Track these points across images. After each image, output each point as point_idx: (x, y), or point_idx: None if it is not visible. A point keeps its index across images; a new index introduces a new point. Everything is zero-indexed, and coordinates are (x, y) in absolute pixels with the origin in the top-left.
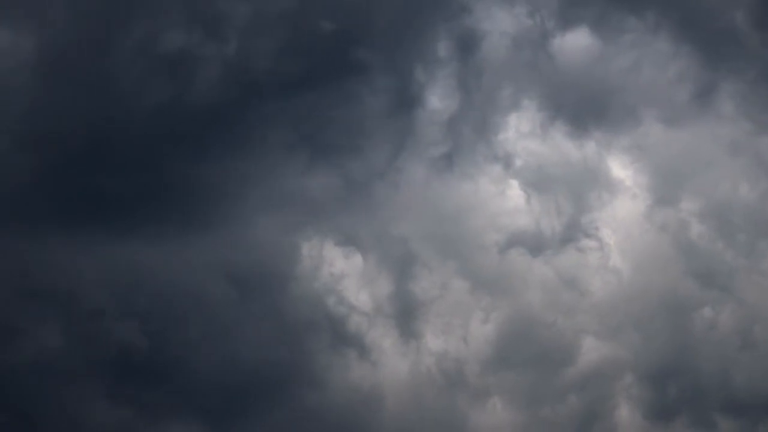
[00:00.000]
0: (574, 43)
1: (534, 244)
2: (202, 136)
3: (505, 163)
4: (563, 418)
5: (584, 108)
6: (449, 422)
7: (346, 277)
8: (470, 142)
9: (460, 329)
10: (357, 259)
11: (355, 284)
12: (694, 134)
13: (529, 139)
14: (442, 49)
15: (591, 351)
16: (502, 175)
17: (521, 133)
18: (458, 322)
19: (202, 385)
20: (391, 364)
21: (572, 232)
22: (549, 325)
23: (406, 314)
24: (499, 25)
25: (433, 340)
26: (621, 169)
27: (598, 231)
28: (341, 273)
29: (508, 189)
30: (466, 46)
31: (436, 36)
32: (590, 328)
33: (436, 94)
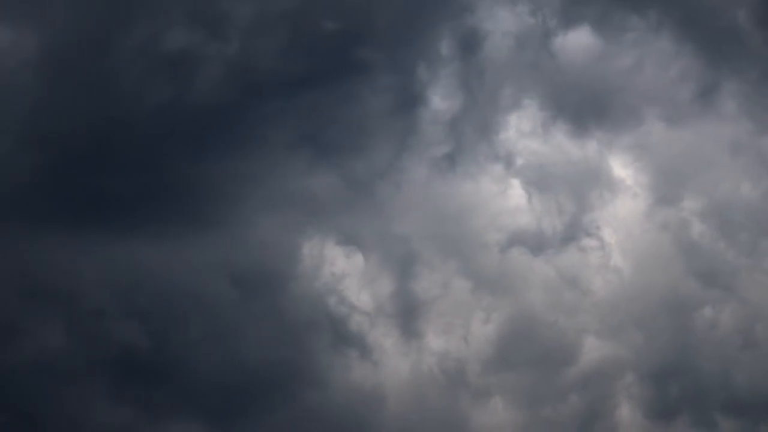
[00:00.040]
0: (576, 42)
1: (535, 244)
2: (204, 135)
3: (507, 163)
4: (564, 418)
5: (586, 107)
6: (450, 422)
7: (347, 277)
8: (472, 141)
9: (461, 329)
10: (358, 259)
11: (357, 284)
12: (696, 133)
13: (531, 139)
14: (445, 48)
15: (592, 350)
16: (504, 175)
17: (522, 132)
18: (459, 322)
19: (203, 385)
20: (393, 363)
21: (573, 232)
22: (550, 324)
23: (408, 314)
24: (502, 24)
25: (435, 340)
26: (622, 169)
27: (600, 230)
28: (342, 272)
29: (510, 188)
30: (469, 46)
31: (438, 35)
32: (591, 327)
33: (438, 94)
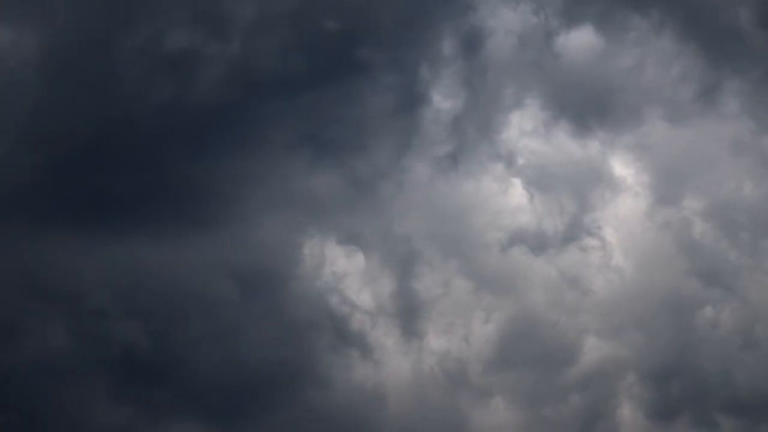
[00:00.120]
0: (579, 41)
1: (536, 243)
2: (205, 135)
3: (508, 162)
4: (565, 418)
5: (587, 106)
6: (451, 421)
7: (348, 276)
8: (474, 140)
9: (462, 328)
10: (359, 258)
11: (358, 283)
12: (698, 133)
13: (532, 138)
14: (447, 47)
15: (593, 350)
16: (505, 174)
17: (524, 131)
18: (460, 322)
19: (204, 385)
20: (394, 363)
21: (575, 231)
22: (551, 324)
23: (409, 313)
24: (504, 23)
25: (436, 340)
26: (624, 168)
27: (601, 230)
28: (343, 272)
29: (511, 188)
30: (471, 45)
31: (440, 34)
32: (592, 327)
33: (440, 93)
